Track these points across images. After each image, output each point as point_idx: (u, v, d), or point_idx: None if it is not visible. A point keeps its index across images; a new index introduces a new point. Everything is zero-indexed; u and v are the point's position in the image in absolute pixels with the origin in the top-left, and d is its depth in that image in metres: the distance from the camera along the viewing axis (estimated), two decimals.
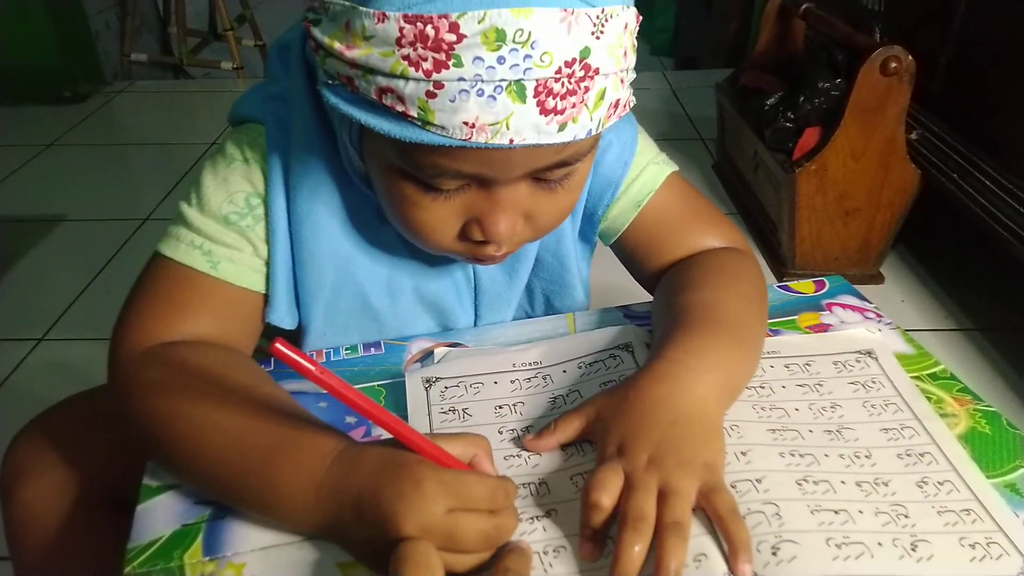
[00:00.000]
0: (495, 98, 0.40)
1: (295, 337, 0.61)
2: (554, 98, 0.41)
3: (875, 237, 1.58)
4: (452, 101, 0.40)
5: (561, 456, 0.49)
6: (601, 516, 0.41)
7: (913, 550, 0.41)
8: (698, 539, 0.41)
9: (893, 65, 1.38)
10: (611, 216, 0.64)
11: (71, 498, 0.60)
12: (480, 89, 0.40)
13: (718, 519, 0.41)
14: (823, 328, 0.61)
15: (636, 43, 0.46)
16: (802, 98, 1.54)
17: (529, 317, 0.68)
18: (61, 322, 1.53)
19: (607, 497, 0.41)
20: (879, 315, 0.62)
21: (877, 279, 1.62)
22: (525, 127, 0.41)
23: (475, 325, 0.65)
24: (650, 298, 0.66)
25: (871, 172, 1.49)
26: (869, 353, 0.57)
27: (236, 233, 0.55)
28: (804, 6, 1.65)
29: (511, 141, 0.42)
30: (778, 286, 0.66)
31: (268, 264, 0.57)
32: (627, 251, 0.66)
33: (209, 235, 0.54)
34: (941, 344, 1.43)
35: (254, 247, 0.56)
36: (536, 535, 0.43)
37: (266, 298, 0.57)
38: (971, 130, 1.40)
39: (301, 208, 0.56)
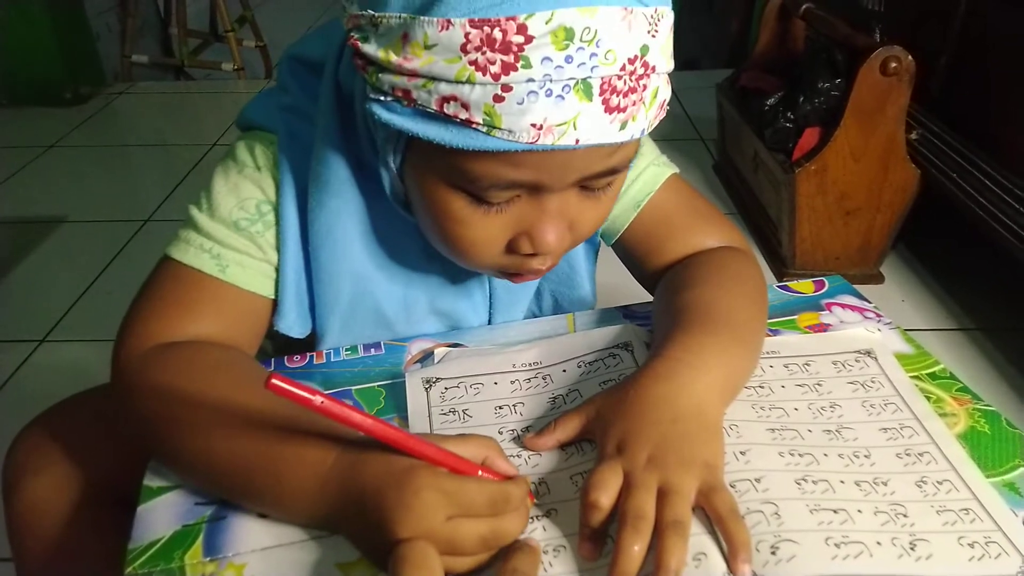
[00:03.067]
0: (563, 97, 0.41)
1: (308, 342, 0.62)
2: (618, 96, 0.42)
3: (875, 237, 1.58)
4: (520, 103, 0.41)
5: (561, 456, 0.49)
6: (600, 515, 0.41)
7: (912, 549, 0.41)
8: (698, 538, 0.41)
9: (893, 65, 1.38)
10: (611, 216, 0.64)
11: (74, 497, 0.60)
12: (549, 89, 0.40)
13: (718, 519, 0.41)
14: (823, 328, 0.61)
15: None
16: (802, 98, 1.54)
17: (535, 317, 0.69)
18: (62, 323, 1.53)
19: (606, 496, 0.41)
20: (879, 315, 0.62)
21: (877, 279, 1.62)
22: (591, 127, 0.42)
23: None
24: (650, 298, 0.66)
25: (871, 172, 1.49)
26: (868, 353, 0.57)
27: (246, 239, 0.55)
28: (804, 6, 1.65)
29: (577, 141, 0.42)
30: (778, 286, 0.66)
31: (278, 271, 0.57)
32: (627, 251, 0.67)
33: (219, 239, 0.55)
34: (940, 344, 1.43)
35: (264, 253, 0.56)
36: (536, 535, 0.43)
37: (274, 304, 0.58)
38: (971, 130, 1.40)
39: (320, 228, 0.56)
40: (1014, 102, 1.30)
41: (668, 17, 0.44)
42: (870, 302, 0.64)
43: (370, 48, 0.44)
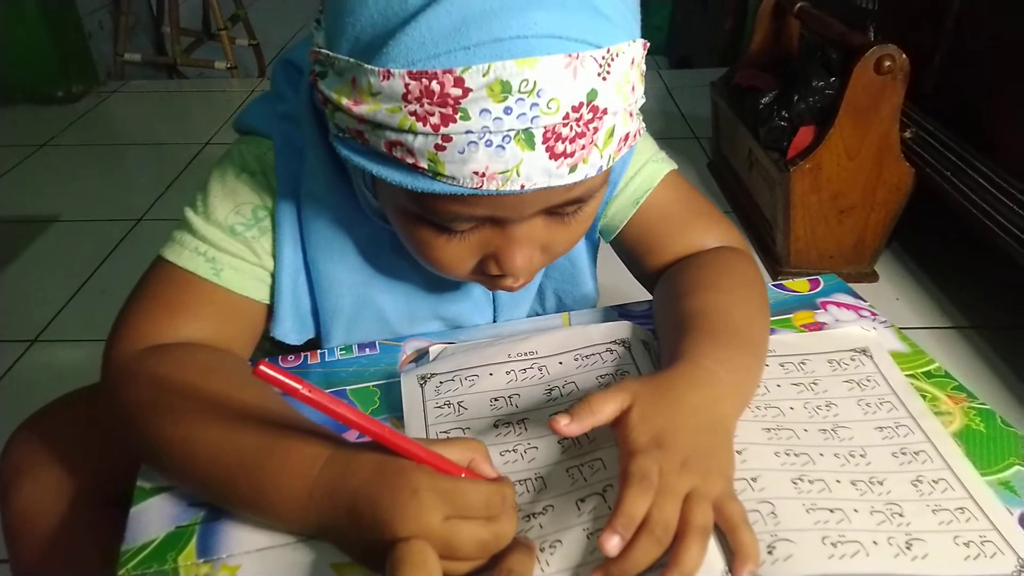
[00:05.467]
0: (504, 148, 0.40)
1: (308, 343, 0.61)
2: (563, 142, 0.41)
3: (869, 235, 1.58)
4: (461, 153, 0.40)
5: (557, 449, 0.49)
6: (635, 526, 0.40)
7: (908, 549, 0.41)
8: None
9: (887, 64, 1.38)
10: (610, 213, 0.64)
11: (69, 497, 0.59)
12: (488, 140, 0.40)
13: (731, 528, 0.41)
14: (818, 327, 0.61)
15: (645, 69, 0.46)
16: (796, 97, 1.54)
17: (539, 316, 0.69)
18: (54, 323, 1.53)
19: (642, 513, 0.40)
20: (874, 313, 0.62)
21: (871, 277, 1.63)
22: (535, 172, 0.41)
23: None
24: (645, 297, 0.66)
25: (865, 170, 1.49)
26: (864, 351, 0.57)
27: (241, 243, 0.55)
28: (798, 5, 1.65)
29: (522, 187, 0.42)
30: (773, 285, 0.66)
31: (273, 277, 0.57)
32: (627, 248, 0.67)
33: (214, 243, 0.55)
34: (935, 342, 1.43)
35: (259, 258, 0.56)
36: (533, 532, 0.43)
37: (269, 309, 0.58)
38: (964, 128, 1.40)
39: (317, 237, 0.56)
40: (1008, 100, 1.31)
41: (626, 53, 0.42)
42: (865, 300, 0.64)
43: (326, 86, 0.44)
